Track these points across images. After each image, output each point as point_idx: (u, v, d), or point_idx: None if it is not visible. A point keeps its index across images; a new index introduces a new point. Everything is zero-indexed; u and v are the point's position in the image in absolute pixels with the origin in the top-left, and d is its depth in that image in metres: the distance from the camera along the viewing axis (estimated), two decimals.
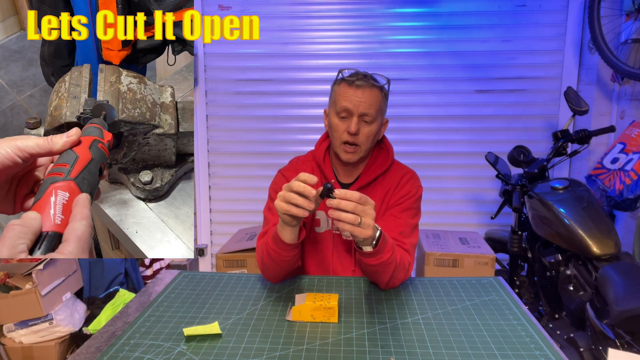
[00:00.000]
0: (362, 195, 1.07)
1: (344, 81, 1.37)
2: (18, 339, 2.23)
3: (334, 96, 1.40)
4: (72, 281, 2.43)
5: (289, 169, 1.53)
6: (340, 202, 1.04)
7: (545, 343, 1.02)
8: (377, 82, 1.38)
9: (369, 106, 1.35)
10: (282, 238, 1.20)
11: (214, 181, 3.38)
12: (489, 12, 3.04)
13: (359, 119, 1.36)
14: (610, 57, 2.50)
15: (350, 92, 1.35)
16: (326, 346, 1.01)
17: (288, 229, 1.18)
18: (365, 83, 1.35)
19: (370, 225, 1.07)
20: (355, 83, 1.35)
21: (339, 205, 1.04)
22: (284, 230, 1.19)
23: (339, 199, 1.05)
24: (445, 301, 1.23)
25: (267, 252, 1.26)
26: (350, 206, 1.04)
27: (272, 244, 1.24)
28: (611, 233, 1.95)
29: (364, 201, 1.06)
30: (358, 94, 1.34)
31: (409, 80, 3.14)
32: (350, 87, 1.35)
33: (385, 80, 1.41)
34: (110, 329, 1.10)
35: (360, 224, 1.05)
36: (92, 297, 2.54)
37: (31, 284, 2.17)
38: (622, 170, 2.41)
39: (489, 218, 2.77)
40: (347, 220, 1.05)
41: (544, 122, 3.12)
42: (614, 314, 1.61)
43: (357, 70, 1.39)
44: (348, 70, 1.39)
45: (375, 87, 1.36)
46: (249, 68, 3.22)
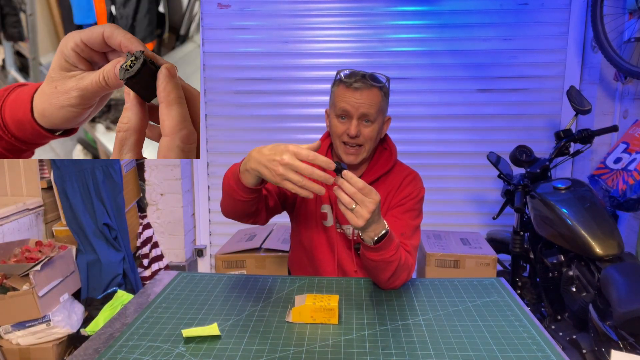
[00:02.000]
0: (368, 186, 1.07)
1: (342, 83, 1.36)
2: (15, 341, 2.22)
3: (333, 98, 1.39)
4: (69, 282, 2.42)
5: None
6: (344, 182, 1.07)
7: (547, 345, 1.01)
8: (376, 81, 1.36)
9: (368, 107, 1.34)
10: (243, 181, 1.18)
11: (213, 181, 3.37)
12: (491, 11, 3.04)
13: (359, 120, 1.35)
14: (613, 56, 2.49)
15: (349, 95, 1.34)
16: (326, 348, 1.00)
17: (254, 176, 1.15)
18: (363, 84, 1.33)
19: (362, 216, 1.07)
20: (353, 85, 1.33)
21: (342, 185, 1.07)
22: (249, 174, 1.16)
23: (344, 179, 1.07)
24: (446, 302, 1.22)
25: (226, 187, 1.25)
26: (351, 190, 1.06)
27: (232, 181, 1.21)
28: (614, 233, 1.94)
29: (366, 192, 1.07)
30: (357, 95, 1.33)
31: (410, 79, 3.13)
32: (348, 89, 1.34)
33: (385, 78, 1.39)
34: (109, 330, 1.09)
35: (354, 210, 1.07)
36: (90, 298, 2.53)
37: (28, 285, 2.16)
38: (625, 170, 2.41)
39: (490, 218, 2.77)
40: (343, 201, 1.07)
41: (546, 122, 3.11)
42: (616, 315, 1.61)
43: (355, 71, 1.37)
44: (346, 71, 1.37)
45: (374, 87, 1.35)
46: (248, 67, 3.21)
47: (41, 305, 2.18)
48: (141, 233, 3.05)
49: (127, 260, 2.71)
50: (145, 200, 3.21)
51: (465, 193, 3.22)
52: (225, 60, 3.22)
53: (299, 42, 3.16)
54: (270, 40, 3.17)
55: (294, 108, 3.23)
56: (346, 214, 1.08)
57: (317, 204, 1.47)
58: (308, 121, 3.22)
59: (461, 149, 3.17)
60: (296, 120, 3.23)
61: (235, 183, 1.20)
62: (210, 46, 3.20)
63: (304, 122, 3.22)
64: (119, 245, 2.67)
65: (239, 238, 2.64)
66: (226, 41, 3.19)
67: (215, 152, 3.33)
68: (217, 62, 3.22)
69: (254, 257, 2.39)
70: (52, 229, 2.72)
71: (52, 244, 2.43)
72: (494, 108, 3.12)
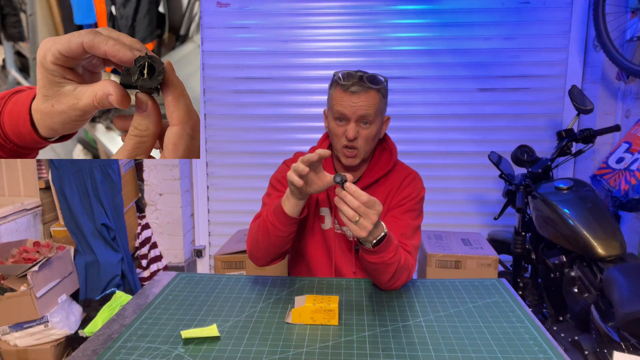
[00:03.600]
0: (372, 198, 1.07)
1: (339, 85, 1.34)
2: (13, 342, 2.21)
3: (331, 100, 1.38)
4: (67, 283, 2.41)
5: (294, 160, 1.51)
6: (347, 196, 1.07)
7: (549, 346, 1.01)
8: (374, 83, 1.34)
9: (366, 109, 1.32)
10: (284, 209, 1.22)
11: (212, 181, 3.36)
12: (492, 9, 3.03)
13: (357, 123, 1.34)
14: (615, 55, 2.49)
15: (346, 98, 1.32)
16: (326, 349, 1.00)
17: (293, 200, 1.21)
18: (360, 87, 1.31)
19: (366, 228, 1.08)
20: (351, 89, 1.31)
21: (345, 198, 1.07)
22: (288, 201, 1.22)
23: (347, 192, 1.07)
24: (447, 303, 1.22)
25: (263, 226, 1.28)
26: (355, 204, 1.06)
27: (271, 216, 1.26)
28: (616, 234, 1.94)
29: (370, 205, 1.07)
30: (354, 99, 1.32)
31: (411, 79, 3.12)
32: (345, 92, 1.32)
33: (383, 79, 1.37)
34: (107, 331, 1.09)
35: (357, 222, 1.07)
36: (88, 299, 2.52)
37: (26, 286, 2.15)
38: (628, 170, 2.40)
39: (491, 219, 2.77)
40: (346, 214, 1.07)
41: (548, 121, 3.10)
42: (619, 316, 1.60)
43: (352, 72, 1.35)
44: (343, 73, 1.36)
45: (372, 89, 1.33)
46: (248, 66, 3.20)
47: (39, 306, 2.17)
48: (140, 233, 3.04)
49: (125, 261, 2.70)
50: (144, 200, 3.20)
51: (467, 193, 3.21)
52: (224, 59, 3.21)
53: (298, 40, 3.15)
54: (270, 39, 3.16)
55: (294, 107, 3.22)
56: (349, 226, 1.09)
57: (316, 207, 1.46)
58: (308, 121, 3.20)
59: (462, 149, 3.17)
60: (296, 119, 3.22)
61: (279, 220, 1.24)
62: (209, 45, 3.19)
63: (304, 121, 3.21)
64: (118, 245, 2.66)
65: (238, 238, 2.64)
66: (225, 40, 3.18)
67: (214, 151, 3.31)
68: (216, 61, 3.21)
69: None
70: (50, 229, 2.71)
71: (50, 245, 2.42)
72: (495, 107, 3.12)
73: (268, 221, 1.26)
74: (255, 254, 1.35)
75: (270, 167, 2.10)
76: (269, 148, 3.25)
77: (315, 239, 1.47)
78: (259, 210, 1.46)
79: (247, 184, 3.30)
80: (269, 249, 1.31)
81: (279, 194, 1.41)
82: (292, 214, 1.23)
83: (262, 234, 1.29)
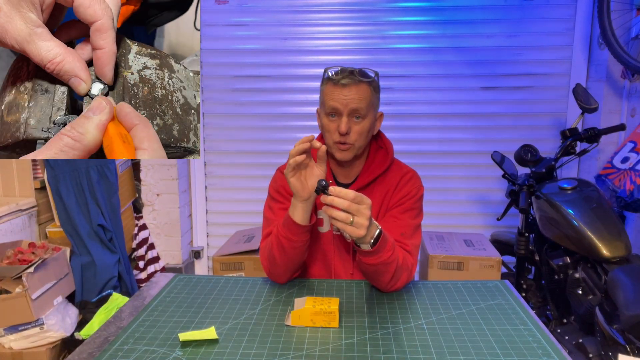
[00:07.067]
0: (358, 194, 1.08)
1: (330, 80, 1.35)
2: (8, 345, 2.20)
3: (322, 97, 1.39)
4: (63, 284, 2.40)
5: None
6: (334, 199, 1.06)
7: (553, 349, 1.01)
8: (365, 76, 1.35)
9: (358, 102, 1.32)
10: (294, 218, 1.23)
11: (211, 181, 3.34)
12: (495, 7, 3.01)
13: (349, 117, 1.33)
14: (620, 53, 2.48)
15: (337, 92, 1.33)
16: (326, 352, 1.00)
17: (300, 207, 1.22)
18: (351, 80, 1.32)
19: (363, 225, 1.08)
20: (341, 82, 1.32)
21: (333, 202, 1.07)
22: (295, 209, 1.23)
23: (333, 196, 1.07)
24: (449, 305, 1.22)
25: (277, 243, 1.28)
26: (344, 204, 1.06)
27: (282, 230, 1.26)
28: (621, 235, 1.94)
29: (359, 200, 1.07)
30: (345, 92, 1.32)
31: (412, 77, 3.11)
32: (336, 86, 1.33)
33: (374, 73, 1.38)
34: (103, 334, 1.09)
35: (353, 222, 1.07)
36: (85, 301, 2.50)
37: (21, 288, 2.14)
38: (633, 170, 2.41)
39: (494, 219, 2.76)
40: (339, 219, 1.07)
41: (551, 120, 3.09)
42: (624, 318, 1.60)
43: (343, 67, 1.37)
44: (333, 69, 1.37)
45: (363, 83, 1.34)
46: (247, 64, 3.19)
47: (34, 308, 2.16)
48: (137, 234, 3.02)
49: (122, 262, 2.68)
50: (141, 200, 3.18)
51: (469, 193, 3.20)
52: (223, 57, 3.19)
53: (298, 38, 3.14)
54: (269, 37, 3.15)
55: (293, 106, 3.20)
56: (345, 229, 1.08)
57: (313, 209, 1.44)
58: (308, 120, 3.19)
59: (465, 148, 3.15)
60: (295, 118, 3.20)
61: (291, 232, 1.25)
62: (207, 43, 3.17)
63: (304, 120, 3.20)
64: (114, 246, 2.64)
65: (236, 239, 2.63)
66: (224, 38, 3.17)
67: (212, 151, 3.30)
68: (214, 60, 3.19)
69: (252, 259, 2.38)
70: (46, 230, 2.70)
71: (46, 246, 2.41)
72: (498, 106, 3.10)
73: (281, 236, 1.26)
74: (275, 272, 1.34)
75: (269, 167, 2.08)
76: (269, 147, 3.24)
77: (313, 242, 1.45)
78: (261, 222, 1.46)
79: (246, 184, 3.28)
80: (287, 264, 1.30)
81: (280, 205, 1.42)
82: (303, 222, 1.23)
83: (278, 251, 1.28)
